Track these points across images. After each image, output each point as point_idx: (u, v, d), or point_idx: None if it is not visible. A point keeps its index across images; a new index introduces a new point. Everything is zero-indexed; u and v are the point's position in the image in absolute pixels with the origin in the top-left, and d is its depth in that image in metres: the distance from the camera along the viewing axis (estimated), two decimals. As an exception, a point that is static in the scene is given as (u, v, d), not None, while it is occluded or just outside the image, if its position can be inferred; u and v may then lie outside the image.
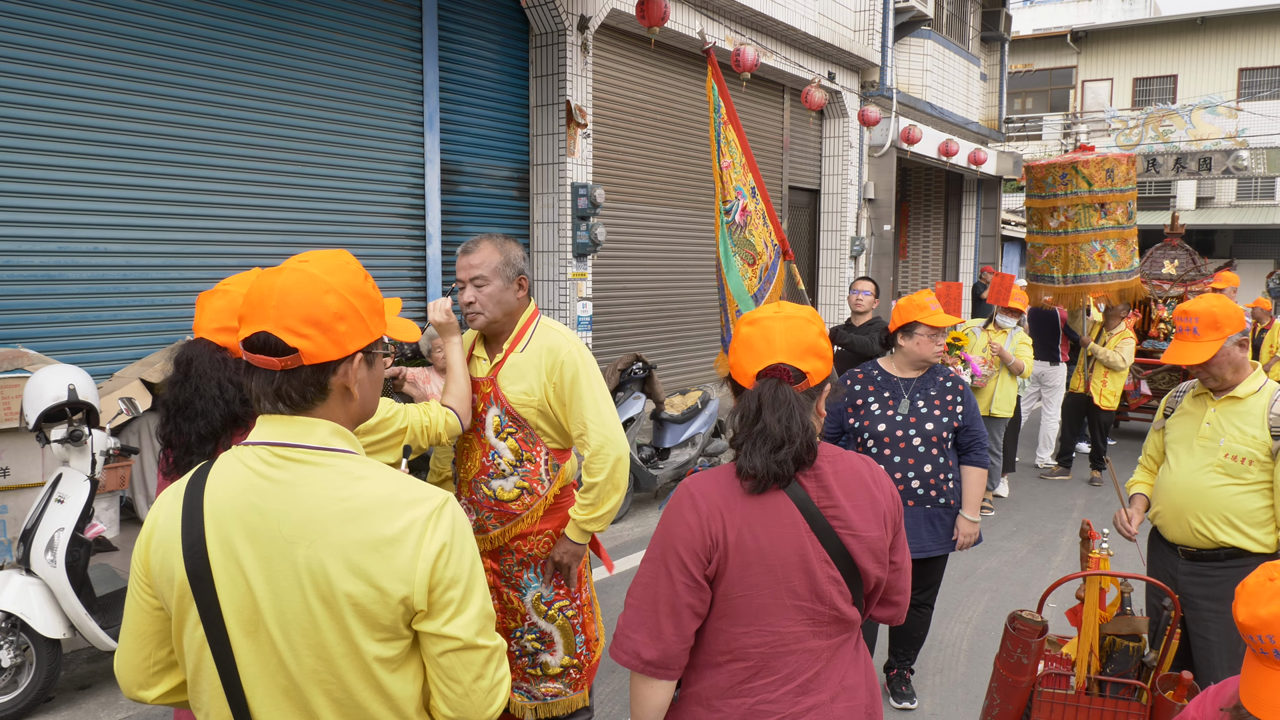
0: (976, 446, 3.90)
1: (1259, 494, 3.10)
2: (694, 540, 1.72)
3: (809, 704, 1.77)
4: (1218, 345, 3.10)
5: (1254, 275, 24.23)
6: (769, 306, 1.90)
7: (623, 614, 1.79)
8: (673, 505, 1.80)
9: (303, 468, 1.41)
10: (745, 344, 1.84)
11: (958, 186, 19.03)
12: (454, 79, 7.69)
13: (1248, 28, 26.50)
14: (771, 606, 1.75)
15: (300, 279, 1.41)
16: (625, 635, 1.76)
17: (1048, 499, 8.08)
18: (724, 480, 1.79)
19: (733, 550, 1.72)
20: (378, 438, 2.61)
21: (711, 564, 1.73)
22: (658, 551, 1.77)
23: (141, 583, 1.49)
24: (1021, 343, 7.44)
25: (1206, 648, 3.23)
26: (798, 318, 1.87)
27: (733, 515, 1.74)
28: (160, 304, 5.91)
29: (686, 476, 1.84)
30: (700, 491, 1.77)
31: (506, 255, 2.88)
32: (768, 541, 1.74)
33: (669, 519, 1.78)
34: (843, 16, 12.55)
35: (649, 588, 1.76)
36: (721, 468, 1.84)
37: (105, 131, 5.57)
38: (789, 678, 1.76)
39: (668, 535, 1.77)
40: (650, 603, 1.74)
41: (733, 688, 1.76)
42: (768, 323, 1.84)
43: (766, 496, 1.76)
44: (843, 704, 1.81)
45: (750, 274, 5.09)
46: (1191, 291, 10.40)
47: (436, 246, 7.58)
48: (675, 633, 1.73)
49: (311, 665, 1.39)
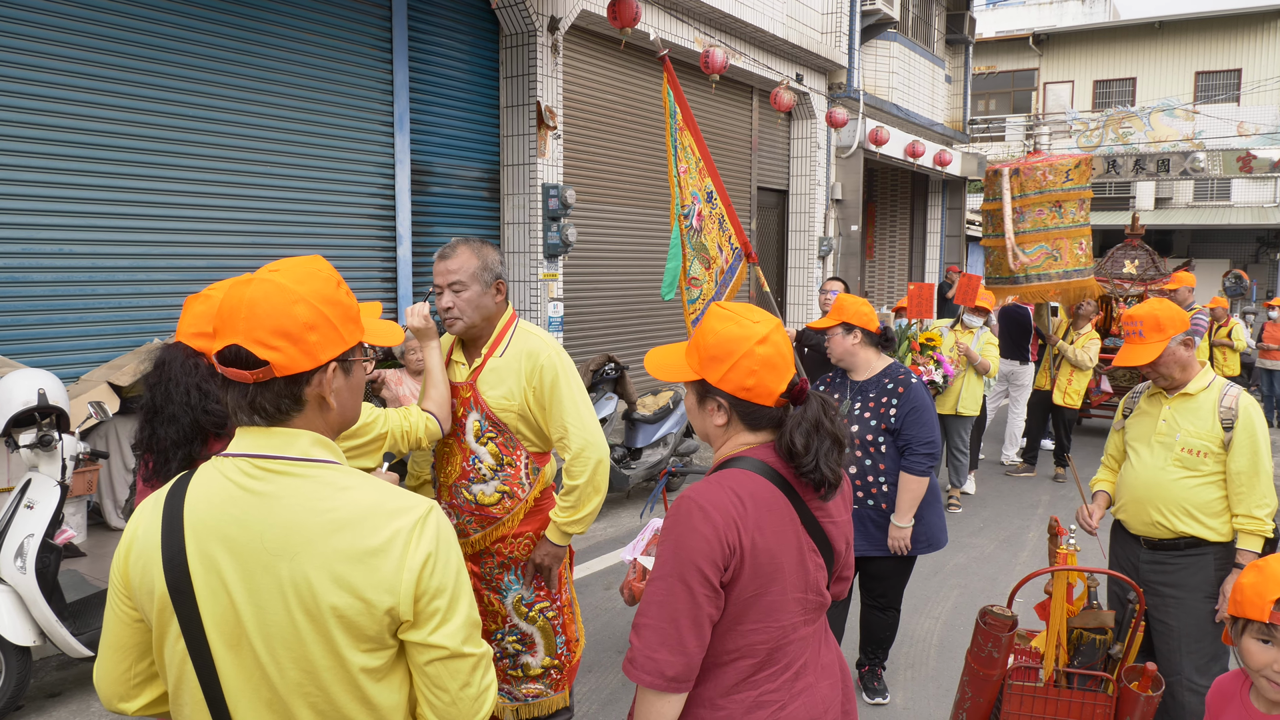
0: (909, 451, 3.82)
1: (1214, 485, 3.28)
2: (713, 551, 1.71)
3: (801, 687, 1.83)
4: (1162, 346, 3.28)
5: (1210, 275, 24.73)
6: (748, 320, 1.85)
7: (637, 635, 1.74)
8: (680, 519, 1.76)
9: (285, 479, 1.40)
10: (768, 365, 1.82)
11: (923, 187, 19.24)
12: (424, 79, 7.67)
13: (1203, 32, 27.02)
14: (778, 602, 1.79)
15: (269, 290, 1.38)
16: (647, 657, 1.71)
17: (1014, 496, 8.21)
18: (729, 488, 1.77)
19: (748, 555, 1.74)
20: (358, 443, 2.62)
21: (728, 571, 1.74)
22: (671, 567, 1.73)
23: (121, 595, 1.47)
24: (988, 343, 7.56)
25: (1168, 633, 3.37)
26: (780, 324, 1.91)
27: (746, 521, 1.74)
28: (127, 306, 5.84)
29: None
30: (710, 502, 1.74)
31: (484, 260, 2.89)
32: (775, 542, 1.78)
33: (680, 533, 1.74)
34: (810, 19, 12.65)
35: (666, 605, 1.72)
36: (719, 475, 1.82)
37: (70, 131, 5.49)
38: (787, 666, 1.82)
39: (681, 549, 1.73)
40: (669, 619, 1.71)
41: (738, 684, 1.79)
42: (775, 337, 1.84)
43: (771, 498, 1.80)
44: (825, 682, 1.90)
45: (707, 277, 5.14)
46: (1151, 290, 10.60)
47: (407, 248, 7.55)
48: (698, 644, 1.72)
49: (296, 678, 1.38)
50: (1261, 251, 28.51)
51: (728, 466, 1.84)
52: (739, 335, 1.82)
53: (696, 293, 5.18)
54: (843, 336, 3.95)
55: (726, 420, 1.88)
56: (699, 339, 1.89)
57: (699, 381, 1.88)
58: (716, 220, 5.10)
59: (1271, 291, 26.15)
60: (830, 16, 13.13)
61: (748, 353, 1.81)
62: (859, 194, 14.23)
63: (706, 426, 1.92)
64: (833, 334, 3.97)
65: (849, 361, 3.99)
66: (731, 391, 1.83)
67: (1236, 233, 28.58)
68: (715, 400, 1.87)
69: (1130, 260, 10.90)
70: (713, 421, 1.89)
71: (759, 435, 1.88)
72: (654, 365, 1.96)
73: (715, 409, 1.87)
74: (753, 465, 1.83)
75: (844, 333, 3.95)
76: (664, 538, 1.78)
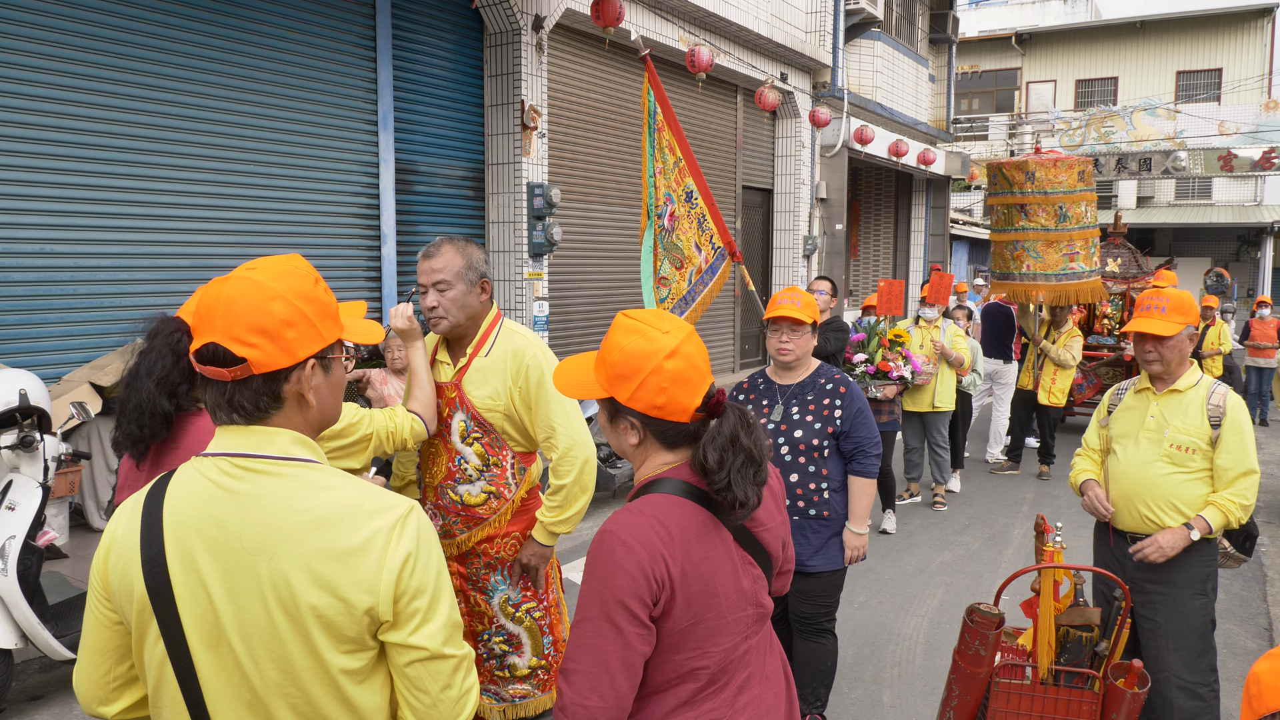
0: (860, 454, 3.56)
1: (1202, 481, 3.31)
2: (639, 587, 1.61)
3: (744, 702, 1.77)
4: (1180, 327, 3.30)
5: (1192, 273, 24.92)
6: (656, 332, 1.73)
7: (566, 681, 1.64)
8: (602, 555, 1.65)
9: (264, 479, 1.39)
10: (679, 380, 1.69)
11: (907, 186, 19.30)
12: (408, 78, 7.63)
13: (1184, 32, 27.24)
14: (716, 627, 1.71)
15: (245, 287, 1.38)
16: (578, 705, 1.61)
17: (998, 494, 8.25)
18: (653, 517, 1.67)
19: (679, 586, 1.65)
20: (344, 443, 2.60)
21: (658, 605, 1.64)
22: (597, 607, 1.62)
23: (100, 597, 1.46)
24: (956, 335, 7.59)
25: (1155, 629, 3.38)
26: (693, 332, 1.79)
27: (673, 551, 1.65)
28: (110, 305, 5.79)
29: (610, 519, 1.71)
30: (633, 535, 1.64)
31: (469, 259, 2.87)
32: (707, 567, 1.70)
33: (604, 571, 1.63)
34: (794, 18, 12.67)
35: (594, 648, 1.62)
36: (639, 503, 1.71)
37: (53, 130, 5.43)
38: (729, 682, 1.75)
39: (606, 587, 1.62)
40: (598, 663, 1.61)
41: (679, 708, 1.71)
42: (686, 349, 1.71)
43: (698, 520, 1.71)
44: (770, 692, 1.83)
45: (678, 277, 5.13)
46: (1134, 289, 10.69)
47: (391, 247, 7.52)
48: (629, 684, 1.64)
49: (275, 679, 1.37)
50: (1242, 250, 28.77)
51: (648, 491, 1.73)
52: (646, 350, 1.69)
53: (666, 291, 5.17)
54: (810, 336, 3.65)
55: (640, 439, 1.76)
56: (604, 354, 1.76)
57: (609, 400, 1.76)
58: (696, 220, 5.08)
59: (1252, 290, 26.39)
60: (814, 15, 13.16)
61: (656, 369, 1.68)
62: (843, 193, 14.27)
63: (622, 446, 1.80)
64: (802, 332, 3.62)
65: (802, 364, 3.69)
66: (642, 410, 1.71)
67: (1218, 231, 28.83)
68: (627, 420, 1.75)
69: (1113, 259, 10.99)
70: (627, 440, 1.77)
71: (677, 453, 1.77)
72: (562, 380, 1.82)
73: (628, 428, 1.76)
74: (674, 487, 1.72)
75: (812, 333, 3.65)
76: (587, 576, 1.67)
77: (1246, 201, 27.84)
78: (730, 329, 12.61)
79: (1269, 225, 26.03)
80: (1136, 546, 3.35)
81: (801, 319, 3.56)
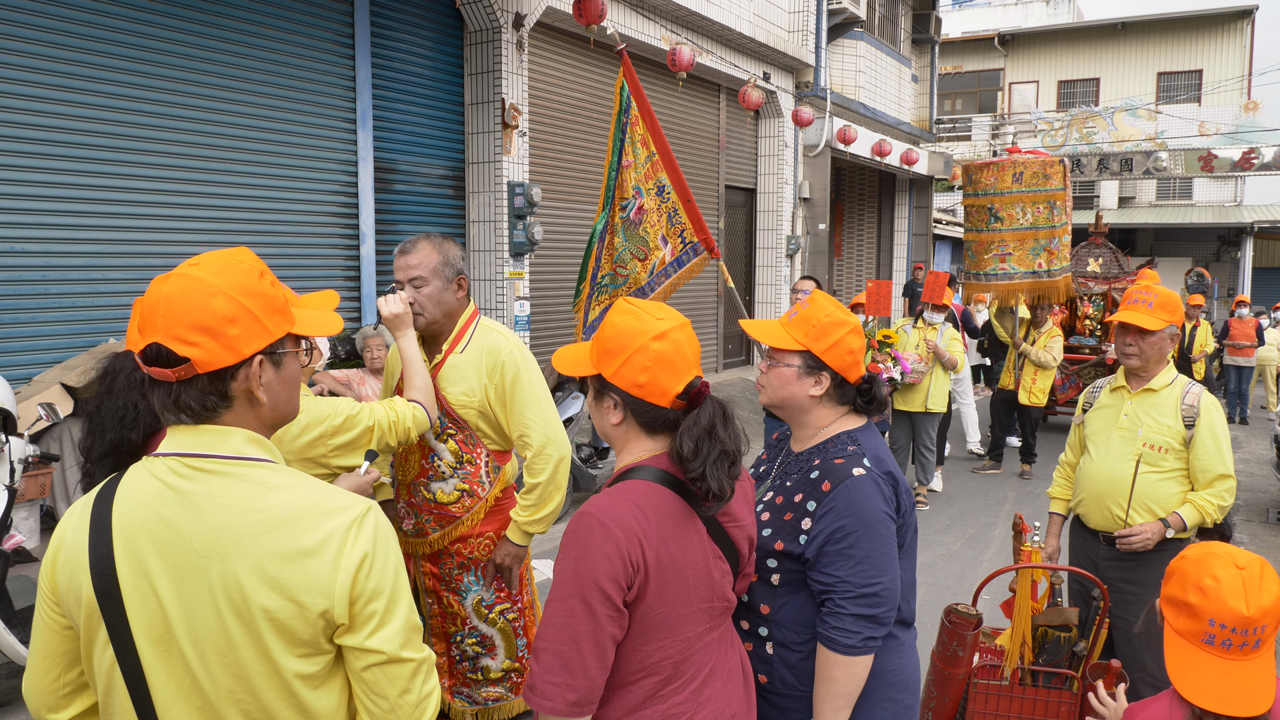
0: (828, 605, 1.99)
1: (1175, 480, 3.30)
2: (615, 570, 1.62)
3: (707, 695, 1.78)
4: (1164, 324, 3.29)
5: (1173, 273, 25.07)
6: (650, 316, 1.76)
7: (536, 660, 1.64)
8: (579, 537, 1.66)
9: (215, 479, 1.36)
10: (663, 362, 1.73)
11: (890, 186, 19.35)
12: (387, 76, 7.57)
13: (1165, 33, 27.41)
14: (683, 616, 1.73)
15: (185, 285, 1.34)
16: (548, 682, 1.61)
17: (980, 493, 8.26)
18: (632, 501, 1.69)
19: (653, 572, 1.67)
20: (346, 439, 2.51)
21: (632, 590, 1.66)
22: (572, 587, 1.63)
23: (49, 601, 1.43)
24: (952, 338, 7.62)
25: (1129, 629, 3.37)
26: (687, 324, 1.82)
27: (649, 537, 1.67)
28: (82, 305, 5.71)
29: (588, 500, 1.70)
30: (611, 518, 1.65)
31: (445, 255, 2.84)
32: (680, 555, 1.71)
33: (580, 551, 1.65)
34: (777, 17, 12.67)
35: (566, 627, 1.62)
36: (619, 488, 1.73)
37: (22, 127, 5.35)
38: (693, 677, 1.76)
39: (581, 568, 1.63)
40: (570, 642, 1.62)
41: (644, 701, 1.72)
42: (676, 335, 1.75)
43: (674, 508, 1.73)
44: (731, 686, 1.85)
45: (639, 268, 5.11)
46: (1115, 289, 10.73)
47: (370, 245, 7.46)
48: (600, 666, 1.65)
49: (227, 684, 1.34)
50: (1223, 250, 28.96)
51: (628, 477, 1.76)
52: (636, 329, 1.74)
53: (623, 280, 5.14)
54: (800, 374, 2.12)
55: (622, 419, 1.80)
56: (599, 333, 1.81)
57: (596, 376, 1.80)
58: (666, 214, 5.05)
59: (1233, 290, 26.57)
60: (797, 15, 13.15)
61: (642, 347, 1.72)
62: (827, 193, 14.28)
63: (604, 425, 1.83)
64: (783, 359, 2.14)
65: (798, 419, 2.20)
66: (624, 388, 1.75)
67: (1198, 231, 29.01)
68: (611, 397, 1.79)
69: (1094, 258, 11.03)
70: (609, 420, 1.81)
71: (657, 440, 1.80)
72: (560, 360, 1.86)
73: (611, 406, 1.79)
74: (653, 475, 1.74)
75: (802, 370, 2.12)
76: (562, 555, 1.68)
77: (1227, 202, 28.05)
78: (714, 328, 12.60)
79: (1248, 225, 26.21)
80: (1123, 533, 3.33)
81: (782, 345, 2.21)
